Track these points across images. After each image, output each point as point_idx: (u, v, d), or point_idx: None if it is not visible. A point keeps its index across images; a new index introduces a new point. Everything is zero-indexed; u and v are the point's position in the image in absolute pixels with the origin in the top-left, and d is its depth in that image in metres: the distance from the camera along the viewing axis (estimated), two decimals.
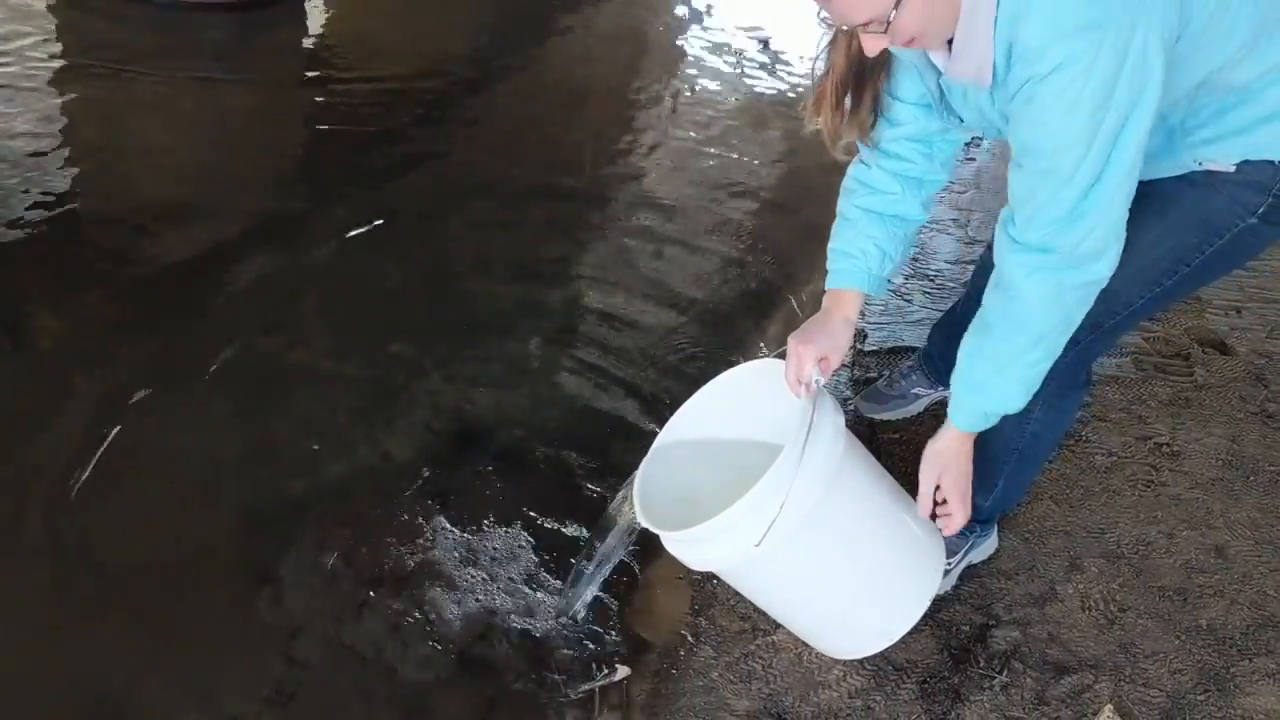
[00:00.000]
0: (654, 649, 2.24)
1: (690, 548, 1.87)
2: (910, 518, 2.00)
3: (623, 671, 2.17)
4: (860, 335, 3.22)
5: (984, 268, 2.52)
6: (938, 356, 2.74)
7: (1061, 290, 1.65)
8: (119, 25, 4.37)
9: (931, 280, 3.45)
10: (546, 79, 4.61)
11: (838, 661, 2.16)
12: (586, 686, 2.14)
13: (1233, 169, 1.71)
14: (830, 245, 2.00)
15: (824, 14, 1.58)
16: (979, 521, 2.30)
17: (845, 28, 1.63)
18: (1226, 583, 2.34)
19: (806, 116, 1.83)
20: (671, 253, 3.51)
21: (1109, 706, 2.07)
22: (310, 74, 4.38)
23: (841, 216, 1.99)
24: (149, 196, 3.40)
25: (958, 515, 1.95)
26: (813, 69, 1.81)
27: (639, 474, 1.98)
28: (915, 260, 3.57)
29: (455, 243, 3.43)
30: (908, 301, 3.34)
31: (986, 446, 2.02)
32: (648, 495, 1.95)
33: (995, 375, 1.79)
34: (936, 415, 2.78)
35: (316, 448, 2.56)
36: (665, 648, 2.24)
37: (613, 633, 2.23)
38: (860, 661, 2.15)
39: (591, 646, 2.20)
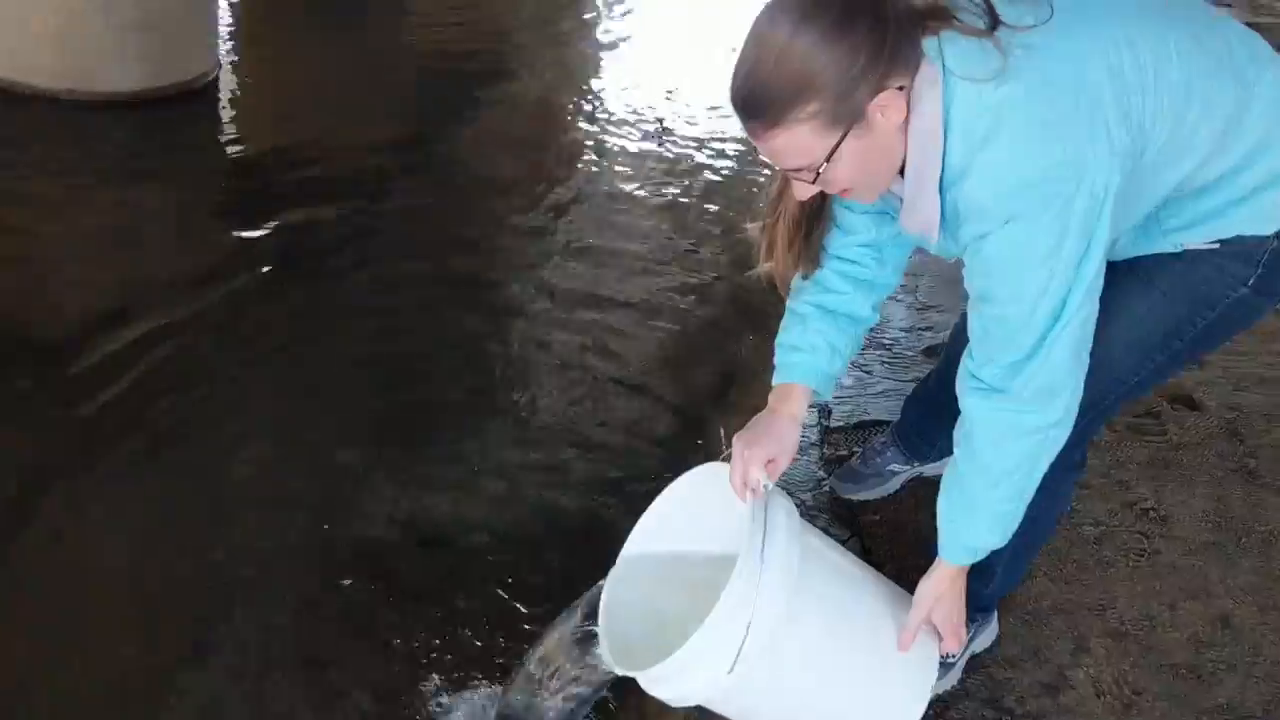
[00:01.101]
0: None
1: (663, 686, 1.70)
2: (894, 613, 1.85)
3: None
4: (825, 411, 3.10)
5: (959, 337, 2.43)
6: (912, 432, 2.63)
7: (1020, 432, 1.60)
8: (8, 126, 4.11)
9: (888, 349, 3.36)
10: (464, 168, 4.44)
11: None
12: None
13: (1216, 245, 1.67)
14: (778, 340, 1.90)
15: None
16: (979, 610, 2.18)
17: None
18: (1238, 656, 2.24)
19: (758, 260, 1.80)
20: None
21: None
22: (224, 170, 4.17)
23: (791, 312, 1.89)
24: (64, 307, 3.16)
25: (951, 645, 1.85)
26: (763, 214, 1.77)
27: (602, 609, 1.81)
28: (870, 330, 3.46)
29: (407, 335, 3.25)
30: (868, 373, 3.24)
31: None
32: (614, 630, 1.79)
33: (966, 514, 1.72)
34: (915, 494, 2.69)
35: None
36: None
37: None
38: None
39: None
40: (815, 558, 1.77)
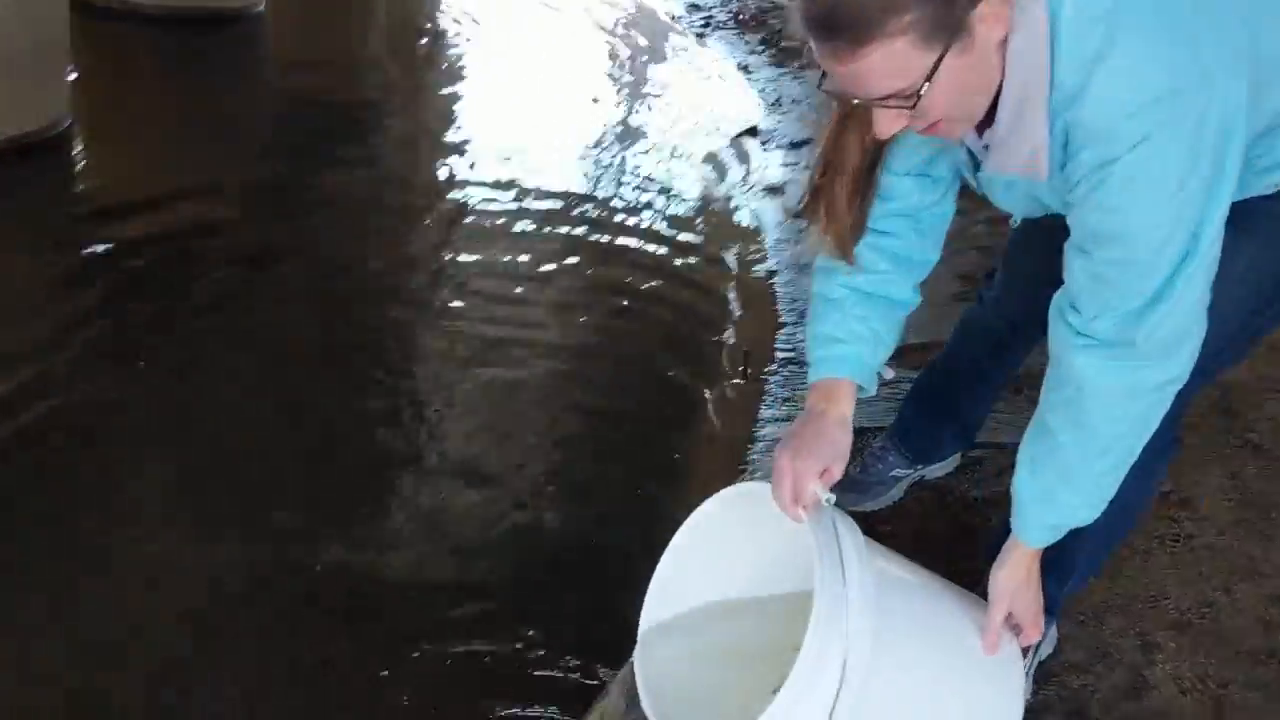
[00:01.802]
0: None
1: None
2: (971, 616, 1.63)
3: None
4: None
5: (966, 330, 2.25)
6: (915, 432, 2.42)
7: (1140, 391, 1.41)
8: None
9: None
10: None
11: None
12: None
13: None
14: (811, 331, 1.66)
15: (827, 87, 1.30)
16: (1047, 612, 1.95)
17: (852, 108, 1.38)
18: None
19: (810, 224, 1.57)
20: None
21: None
22: (71, 232, 3.71)
23: (822, 298, 1.65)
24: None
25: (1032, 636, 1.65)
26: (810, 178, 1.54)
27: (644, 695, 1.52)
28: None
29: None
30: None
31: None
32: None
33: (1061, 489, 1.51)
34: (920, 500, 2.47)
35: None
36: None
37: None
38: None
39: None
40: (886, 576, 1.52)
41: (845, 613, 1.33)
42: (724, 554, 1.68)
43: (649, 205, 4.14)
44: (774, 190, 4.44)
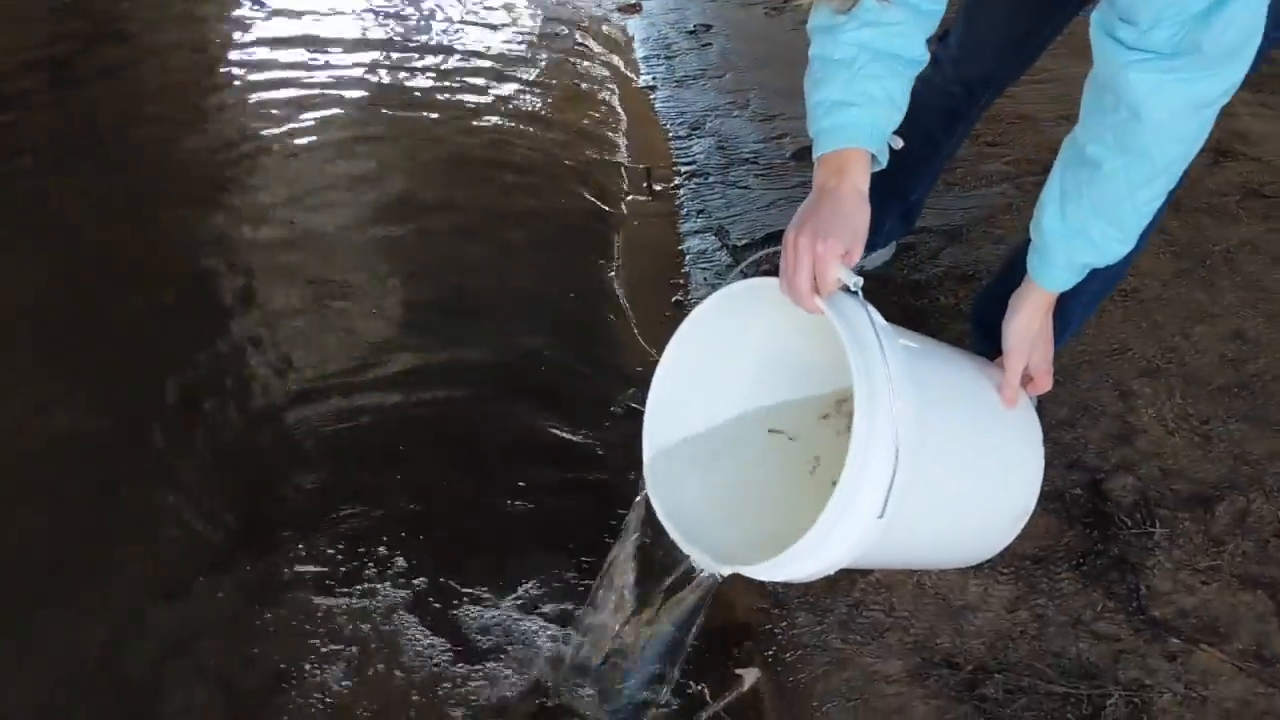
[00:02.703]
0: (742, 644, 1.67)
1: (795, 565, 1.31)
2: (988, 376, 1.58)
3: (753, 675, 1.58)
4: (721, 231, 2.74)
5: (918, 97, 2.13)
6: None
7: (1197, 105, 1.29)
8: None
9: (756, 163, 3.05)
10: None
11: (966, 578, 1.72)
12: (717, 709, 1.54)
13: None
14: (815, 98, 1.45)
15: None
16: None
17: None
18: (1274, 364, 2.11)
19: None
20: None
21: None
22: None
23: (825, 59, 1.45)
24: None
25: (1043, 386, 1.59)
26: None
27: (664, 518, 1.41)
28: (723, 147, 3.15)
29: None
30: (747, 189, 2.92)
31: None
32: (692, 530, 1.40)
33: (1098, 219, 1.41)
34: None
35: None
36: (753, 637, 1.67)
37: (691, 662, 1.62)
38: (991, 570, 1.73)
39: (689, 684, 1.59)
40: (910, 349, 1.42)
41: (889, 394, 1.23)
42: (718, 366, 1.55)
43: (485, 40, 3.83)
44: (630, 8, 4.22)
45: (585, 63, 3.73)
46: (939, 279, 2.46)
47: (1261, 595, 1.65)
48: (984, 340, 1.93)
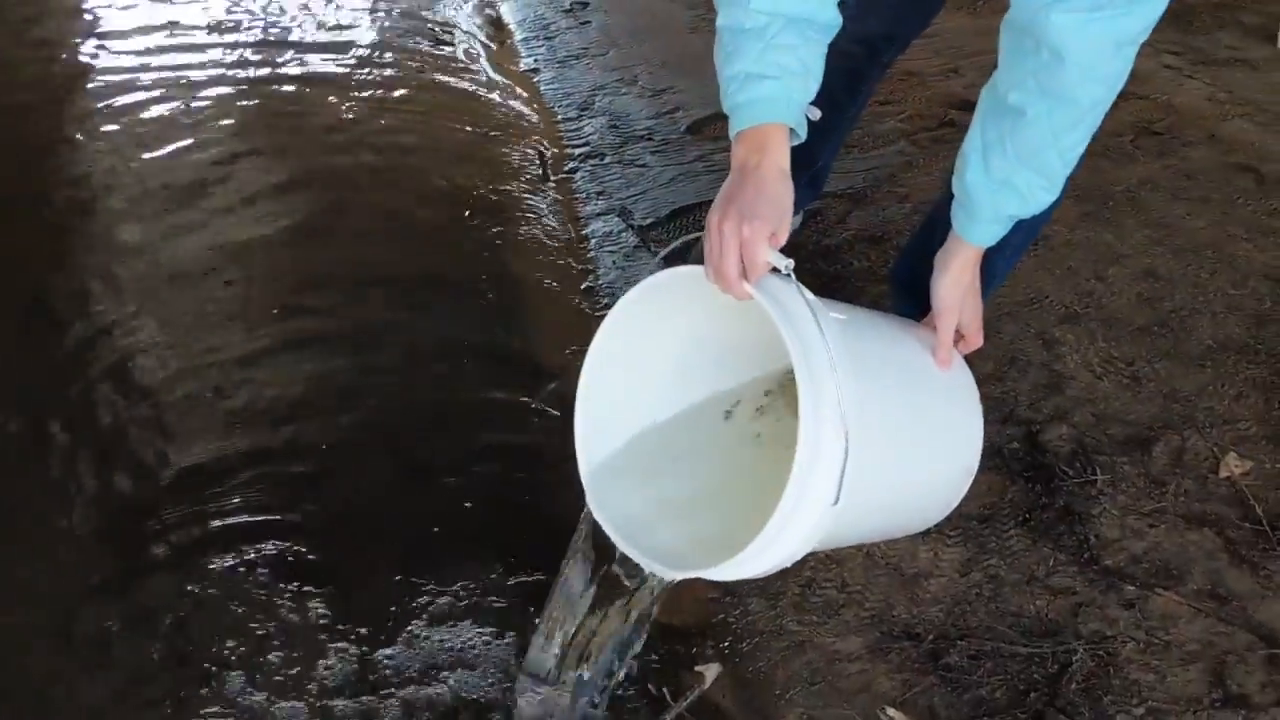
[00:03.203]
0: (697, 639, 1.61)
1: (752, 563, 1.26)
2: (922, 340, 1.53)
3: (714, 670, 1.52)
4: (624, 212, 2.67)
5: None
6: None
7: (1120, 43, 1.26)
8: None
9: (651, 140, 2.98)
10: None
11: (915, 545, 1.69)
12: (679, 710, 1.48)
13: None
14: (728, 70, 1.36)
15: None
16: None
17: None
18: (1187, 299, 2.14)
19: None
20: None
21: (1231, 453, 1.75)
22: None
23: (734, 30, 1.37)
24: None
25: (974, 343, 1.55)
26: None
27: (610, 529, 1.33)
28: (615, 125, 3.07)
29: None
30: (645, 167, 2.85)
31: None
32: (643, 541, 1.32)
33: (1024, 167, 1.37)
34: None
35: None
36: (707, 631, 1.62)
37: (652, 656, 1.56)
38: (939, 534, 1.70)
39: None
40: (843, 324, 1.36)
41: (834, 381, 1.17)
42: (644, 363, 1.48)
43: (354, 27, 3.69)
44: None
45: (463, 50, 3.61)
46: (849, 243, 2.43)
47: (1209, 533, 1.64)
48: (906, 301, 1.90)
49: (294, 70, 3.31)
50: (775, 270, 1.24)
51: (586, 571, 1.43)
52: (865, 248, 2.39)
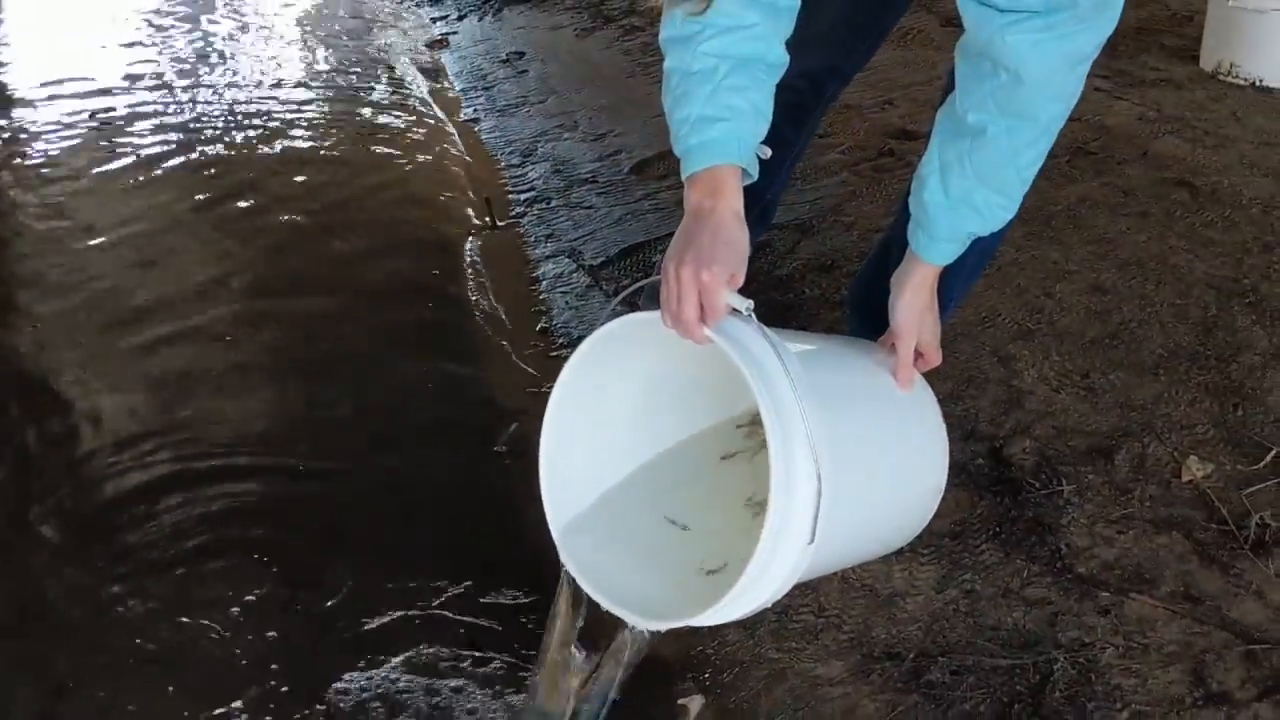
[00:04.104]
0: (677, 672, 1.59)
1: (731, 609, 1.26)
2: (878, 362, 1.53)
3: (697, 702, 1.50)
4: (575, 253, 2.68)
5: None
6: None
7: (1074, 61, 1.29)
8: None
9: (595, 182, 3.00)
10: None
11: (889, 566, 1.69)
12: None
13: None
14: (679, 113, 1.37)
15: None
16: None
17: None
18: (1135, 310, 2.18)
19: None
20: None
21: (1191, 457, 1.77)
22: None
23: (684, 73, 1.37)
24: None
25: (932, 362, 1.55)
26: None
27: (585, 583, 1.33)
28: (560, 170, 3.08)
29: None
30: (591, 209, 2.87)
31: None
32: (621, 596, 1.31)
33: (982, 186, 1.39)
34: None
35: None
36: (687, 663, 1.60)
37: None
38: (912, 554, 1.70)
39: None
40: (806, 359, 1.36)
41: (804, 422, 1.18)
42: (606, 412, 1.46)
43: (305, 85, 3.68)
44: (438, 43, 4.12)
45: (402, 102, 3.61)
46: (800, 272, 2.45)
47: (1177, 535, 1.66)
48: (862, 323, 1.91)
49: (239, 135, 3.28)
50: (735, 311, 1.24)
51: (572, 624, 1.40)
52: (816, 276, 2.40)
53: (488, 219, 2.91)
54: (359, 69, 3.83)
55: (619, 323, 1.31)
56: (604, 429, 1.46)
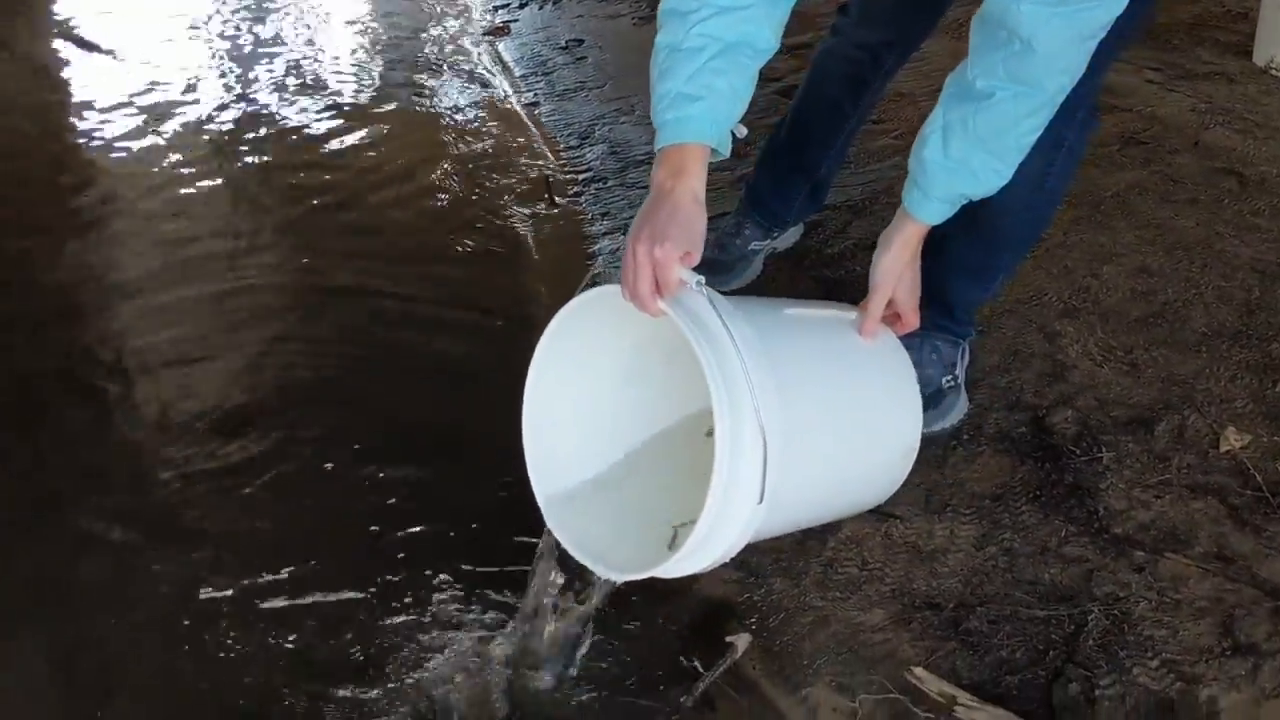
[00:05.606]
0: (722, 613, 1.67)
1: (689, 562, 1.36)
2: (849, 324, 1.59)
3: (744, 640, 1.58)
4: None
5: (823, 68, 2.19)
6: (765, 196, 2.36)
7: (1083, 36, 1.36)
8: None
9: (648, 164, 3.03)
10: None
11: (930, 524, 1.76)
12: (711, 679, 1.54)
13: None
14: (660, 88, 1.44)
15: None
16: (970, 324, 1.98)
17: None
18: (1180, 292, 2.22)
19: None
20: None
21: (1229, 428, 1.82)
22: None
23: (671, 48, 1.44)
24: None
25: (910, 324, 1.62)
26: None
27: (564, 537, 1.43)
28: (615, 152, 3.16)
29: None
30: (646, 189, 2.89)
31: (994, 221, 1.70)
32: (592, 548, 1.41)
33: (981, 150, 1.46)
34: (779, 267, 2.45)
35: None
36: (734, 609, 1.67)
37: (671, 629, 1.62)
38: (954, 513, 1.77)
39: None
40: (762, 326, 1.43)
41: (746, 381, 1.26)
42: (587, 376, 1.56)
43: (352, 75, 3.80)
44: (498, 30, 4.22)
45: (464, 87, 3.71)
46: (851, 251, 2.51)
47: (1212, 501, 1.71)
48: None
49: (295, 134, 3.40)
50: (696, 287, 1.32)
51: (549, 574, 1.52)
52: (865, 254, 2.42)
53: (547, 197, 2.99)
54: (421, 54, 3.93)
55: (593, 292, 1.40)
56: (586, 396, 1.55)
